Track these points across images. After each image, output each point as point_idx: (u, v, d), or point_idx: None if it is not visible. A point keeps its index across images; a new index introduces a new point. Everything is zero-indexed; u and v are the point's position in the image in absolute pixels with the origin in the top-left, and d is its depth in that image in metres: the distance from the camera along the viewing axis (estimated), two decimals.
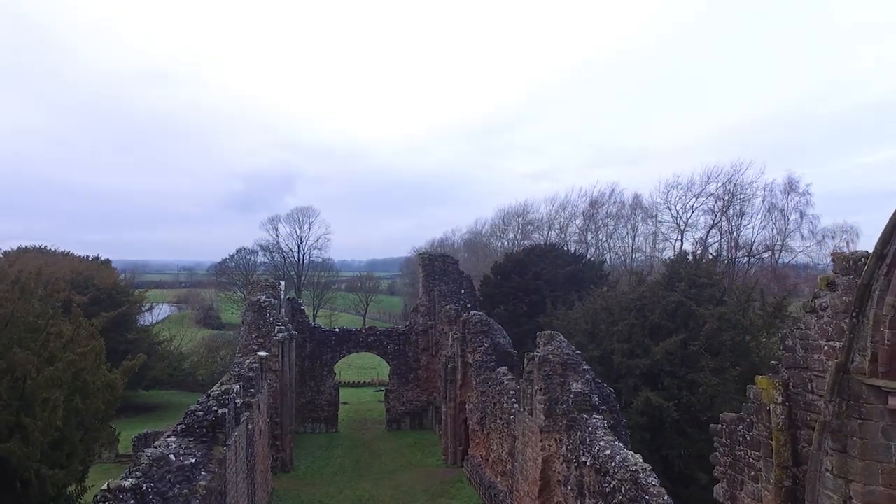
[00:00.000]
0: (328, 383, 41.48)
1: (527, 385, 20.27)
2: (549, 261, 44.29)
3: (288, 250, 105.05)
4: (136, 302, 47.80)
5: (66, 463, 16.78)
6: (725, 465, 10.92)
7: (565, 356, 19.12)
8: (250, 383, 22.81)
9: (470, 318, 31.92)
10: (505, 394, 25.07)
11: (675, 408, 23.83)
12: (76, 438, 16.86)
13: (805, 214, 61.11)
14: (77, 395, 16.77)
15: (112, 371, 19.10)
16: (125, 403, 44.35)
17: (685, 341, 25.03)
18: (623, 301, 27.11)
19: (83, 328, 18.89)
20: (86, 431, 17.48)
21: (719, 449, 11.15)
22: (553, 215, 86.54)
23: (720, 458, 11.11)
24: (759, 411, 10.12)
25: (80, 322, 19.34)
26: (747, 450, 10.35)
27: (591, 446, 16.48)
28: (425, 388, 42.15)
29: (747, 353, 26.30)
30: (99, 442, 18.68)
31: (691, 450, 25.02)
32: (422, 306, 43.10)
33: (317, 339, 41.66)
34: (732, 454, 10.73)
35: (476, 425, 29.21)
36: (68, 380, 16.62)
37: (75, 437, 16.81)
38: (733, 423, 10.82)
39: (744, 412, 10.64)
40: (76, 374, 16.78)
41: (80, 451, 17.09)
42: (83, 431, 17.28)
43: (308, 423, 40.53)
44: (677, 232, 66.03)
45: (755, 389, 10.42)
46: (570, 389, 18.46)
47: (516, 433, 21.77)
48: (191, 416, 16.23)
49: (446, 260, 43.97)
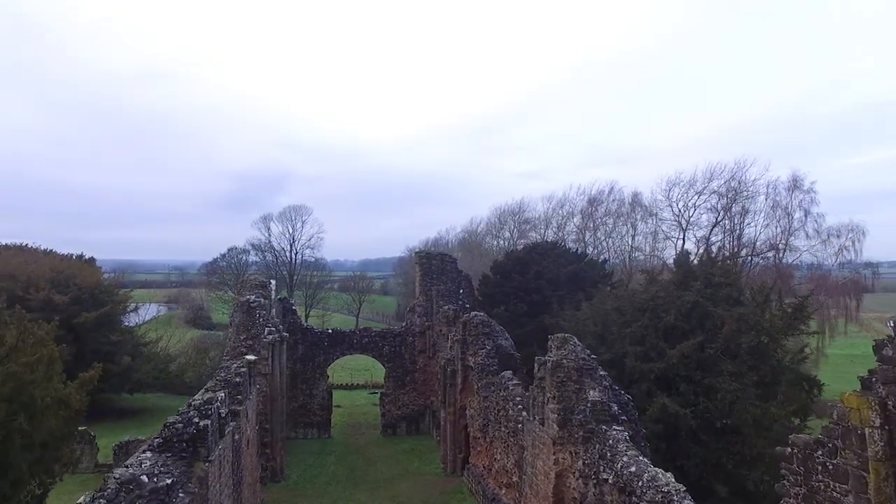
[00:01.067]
0: (321, 386, 39.85)
1: (538, 392, 18.68)
2: (550, 259, 42.75)
3: (280, 249, 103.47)
4: (121, 302, 45.90)
5: (9, 493, 14.63)
6: (798, 497, 9.28)
7: (580, 361, 17.55)
8: (237, 389, 21.14)
9: (471, 318, 30.32)
10: (510, 400, 23.50)
11: (692, 415, 22.33)
12: (22, 464, 14.85)
13: (810, 213, 59.57)
14: (21, 414, 14.64)
15: (67, 384, 16.87)
16: (107, 408, 42.68)
17: (702, 344, 23.52)
18: (635, 301, 25.56)
19: (30, 333, 16.17)
20: (39, 454, 15.44)
21: (789, 478, 9.52)
22: (550, 214, 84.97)
23: (789, 488, 9.49)
24: (846, 435, 8.52)
25: (26, 326, 16.51)
26: (829, 481, 8.74)
27: (612, 461, 14.92)
28: (422, 392, 40.55)
29: (766, 356, 24.84)
30: (60, 463, 16.70)
31: (708, 459, 23.54)
32: (418, 306, 41.49)
33: (309, 341, 39.99)
34: (807, 485, 9.10)
35: (478, 432, 27.62)
36: (6, 395, 14.29)
37: (21, 462, 14.79)
38: (808, 448, 9.20)
39: (823, 435, 9.05)
40: (18, 389, 14.59)
41: (27, 478, 15.00)
42: (32, 455, 15.21)
43: (300, 429, 38.87)
44: (679, 230, 64.60)
45: (840, 408, 8.80)
46: (586, 397, 16.90)
47: (525, 443, 20.19)
48: (169, 429, 14.55)
49: (444, 258, 42.35)
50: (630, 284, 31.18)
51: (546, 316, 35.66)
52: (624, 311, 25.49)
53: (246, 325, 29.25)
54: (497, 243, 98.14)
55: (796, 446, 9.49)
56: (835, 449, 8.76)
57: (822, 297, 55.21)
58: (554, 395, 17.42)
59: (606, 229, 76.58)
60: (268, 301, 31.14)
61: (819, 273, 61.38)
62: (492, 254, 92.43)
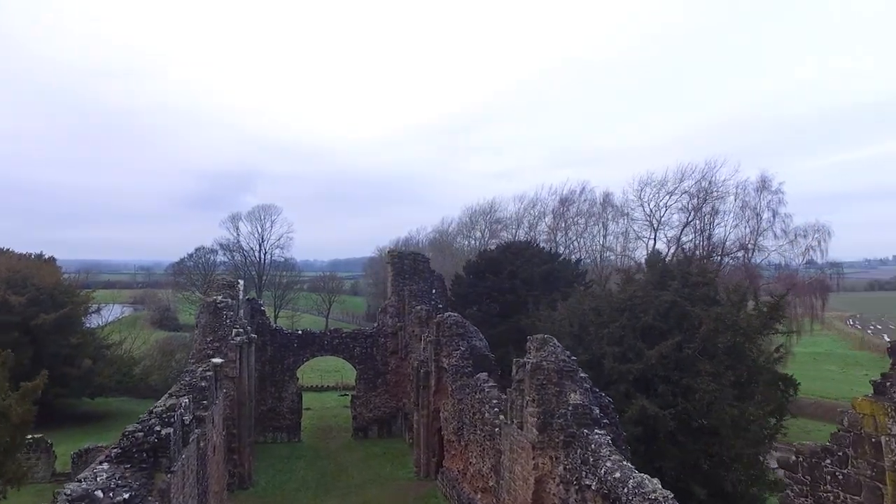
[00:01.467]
0: (290, 389, 38.88)
1: (516, 395, 18.13)
2: (524, 259, 42.29)
3: (249, 249, 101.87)
4: (83, 303, 44.29)
5: None
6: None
7: (561, 363, 17.04)
8: (203, 394, 20.24)
9: (444, 319, 29.70)
10: (486, 402, 22.95)
11: (671, 416, 21.99)
12: None
13: (777, 213, 60.31)
14: None
15: (8, 395, 15.72)
16: (67, 414, 41.17)
17: (680, 344, 23.22)
18: (613, 301, 25.18)
19: None
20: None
21: (794, 487, 9.07)
22: (522, 213, 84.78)
23: (794, 498, 9.03)
24: (859, 443, 8.06)
25: None
26: (839, 492, 8.27)
27: (595, 467, 14.43)
28: (394, 394, 39.82)
29: (742, 356, 24.66)
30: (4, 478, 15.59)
31: (685, 460, 23.24)
32: (390, 307, 40.76)
33: (278, 343, 39.01)
34: (814, 496, 8.64)
35: (452, 435, 27.01)
36: None
37: None
38: (815, 457, 8.73)
39: (831, 442, 8.57)
40: None
41: None
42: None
43: (269, 433, 37.87)
44: (650, 230, 64.80)
45: (851, 414, 8.31)
46: (567, 401, 16.39)
47: (502, 447, 19.64)
48: (128, 438, 13.66)
49: (417, 258, 41.68)
50: (607, 285, 30.77)
51: (522, 316, 35.17)
52: (601, 312, 25.10)
53: (213, 327, 28.27)
54: (468, 243, 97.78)
55: (802, 455, 9.04)
56: (845, 458, 8.30)
57: (790, 296, 55.84)
58: (533, 398, 16.89)
59: (578, 229, 76.68)
60: (235, 301, 30.17)
61: (787, 273, 62.07)
62: (463, 254, 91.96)
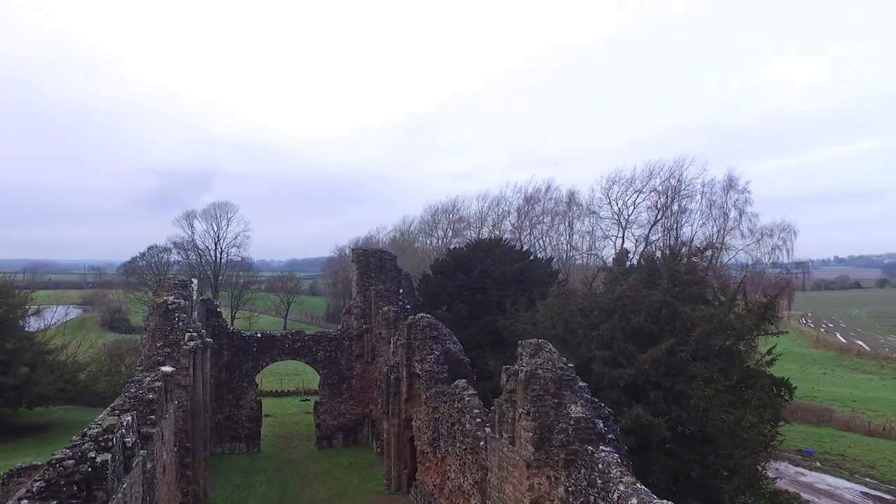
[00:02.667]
0: (249, 396, 36.40)
1: (507, 407, 16.26)
2: (495, 257, 40.56)
3: (204, 248, 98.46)
4: (20, 304, 40.95)
5: None
6: None
7: (559, 371, 15.24)
8: (150, 408, 17.88)
9: (417, 321, 27.73)
10: (467, 412, 21.06)
11: (665, 424, 20.44)
12: None
13: (744, 212, 60.24)
14: None
15: None
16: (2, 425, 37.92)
17: (672, 347, 21.69)
18: (601, 301, 23.54)
19: None
20: None
21: None
22: (485, 212, 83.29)
23: None
24: None
25: None
26: None
27: (605, 490, 12.66)
28: (360, 400, 37.68)
29: (735, 358, 23.29)
30: None
31: (678, 471, 21.76)
32: (355, 307, 38.58)
33: (236, 346, 36.47)
34: None
35: (426, 446, 25.06)
36: None
37: None
38: None
39: None
40: None
41: None
42: None
43: (226, 443, 35.38)
44: (618, 229, 63.91)
45: None
46: (567, 413, 14.59)
47: (489, 464, 17.76)
48: (55, 469, 11.38)
49: (383, 255, 39.57)
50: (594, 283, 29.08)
51: (497, 317, 33.37)
52: (588, 313, 23.43)
53: (163, 331, 25.72)
54: (430, 242, 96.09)
55: None
56: None
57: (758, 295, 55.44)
58: (528, 410, 15.05)
59: (543, 228, 75.56)
60: (189, 302, 27.65)
61: (754, 272, 61.85)
62: (425, 253, 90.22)
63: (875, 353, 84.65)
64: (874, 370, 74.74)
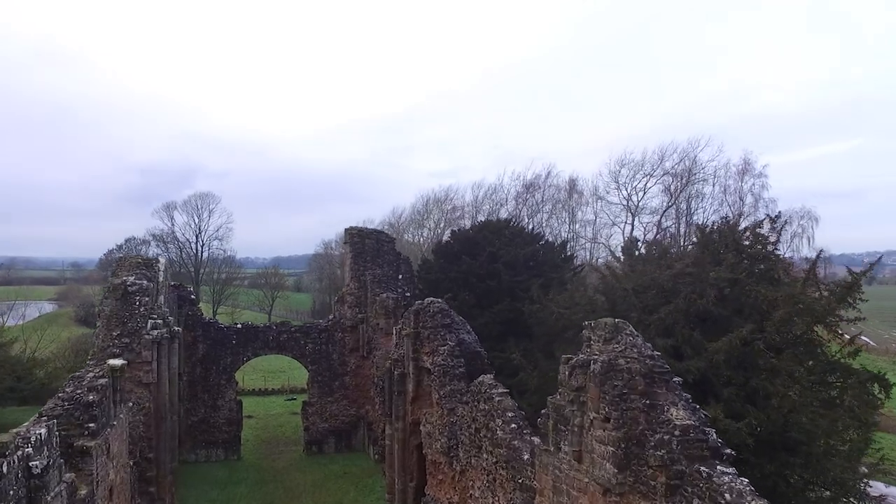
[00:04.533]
0: (228, 395, 32.12)
1: (570, 411, 12.01)
2: (504, 240, 36.38)
3: (185, 241, 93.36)
4: None
5: None
6: None
7: (648, 362, 11.02)
8: (89, 413, 13.52)
9: (426, 306, 23.44)
10: (498, 416, 16.86)
11: (747, 430, 16.38)
12: None
13: (761, 197, 56.75)
14: None
15: None
16: None
17: (748, 335, 17.62)
18: (660, 280, 19.37)
19: None
20: None
21: None
22: (480, 201, 79.16)
23: None
24: None
25: None
26: None
27: None
28: (355, 400, 33.41)
29: (814, 349, 19.29)
30: None
31: (760, 488, 17.68)
32: (349, 295, 34.30)
33: (213, 339, 32.12)
34: None
35: (440, 456, 20.80)
36: None
37: None
38: None
39: None
40: None
41: None
42: None
43: (200, 450, 31.09)
44: (627, 215, 60.07)
45: None
46: (667, 419, 10.43)
47: (539, 485, 13.54)
48: None
49: (380, 237, 35.38)
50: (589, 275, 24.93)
51: (515, 304, 29.22)
52: (642, 293, 19.25)
53: (120, 317, 21.34)
54: (422, 233, 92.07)
55: None
56: None
57: None
58: (608, 415, 10.85)
59: (543, 216, 71.76)
60: (153, 284, 23.23)
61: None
62: (416, 245, 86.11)
63: None
64: None
